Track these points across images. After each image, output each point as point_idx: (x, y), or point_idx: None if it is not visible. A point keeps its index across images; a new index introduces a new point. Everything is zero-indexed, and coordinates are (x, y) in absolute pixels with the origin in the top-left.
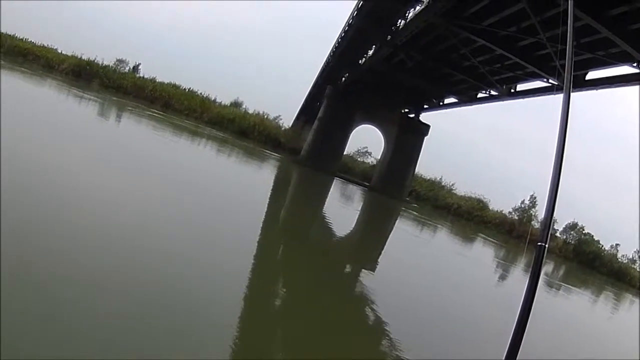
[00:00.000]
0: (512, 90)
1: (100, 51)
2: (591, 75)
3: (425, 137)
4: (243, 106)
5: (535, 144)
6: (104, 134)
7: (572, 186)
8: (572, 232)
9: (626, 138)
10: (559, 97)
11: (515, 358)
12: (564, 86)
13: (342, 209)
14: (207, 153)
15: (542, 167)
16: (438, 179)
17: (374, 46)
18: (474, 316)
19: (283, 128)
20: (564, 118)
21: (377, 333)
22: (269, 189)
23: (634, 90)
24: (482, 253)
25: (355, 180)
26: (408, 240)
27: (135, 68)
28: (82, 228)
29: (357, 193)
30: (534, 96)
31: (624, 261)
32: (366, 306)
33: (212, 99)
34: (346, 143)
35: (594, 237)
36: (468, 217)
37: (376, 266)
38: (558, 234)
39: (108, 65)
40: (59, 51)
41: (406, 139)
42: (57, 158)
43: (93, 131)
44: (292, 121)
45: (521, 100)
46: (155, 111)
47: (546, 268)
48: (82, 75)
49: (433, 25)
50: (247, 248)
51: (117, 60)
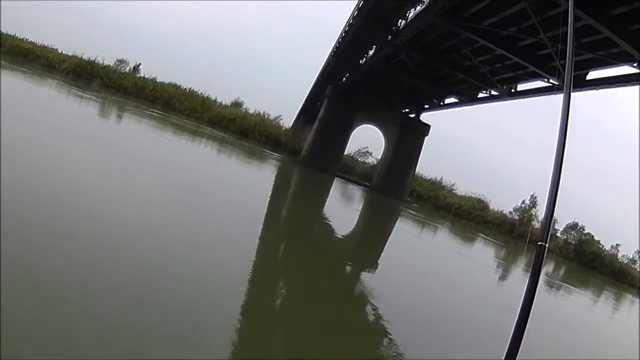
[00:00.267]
0: (513, 90)
1: (100, 51)
2: (592, 75)
3: (425, 137)
4: (244, 106)
5: (535, 144)
6: (104, 134)
7: (573, 186)
8: (573, 232)
9: (627, 138)
10: (560, 97)
11: (515, 357)
12: (564, 85)
13: (343, 209)
14: (208, 153)
15: (543, 167)
16: (438, 179)
17: (375, 46)
18: (474, 316)
19: (283, 128)
20: (565, 117)
21: (377, 333)
22: (270, 189)
23: (635, 90)
24: (483, 253)
25: (355, 180)
26: (409, 240)
27: (135, 68)
28: (82, 228)
29: (358, 193)
30: (535, 96)
31: (625, 261)
32: (366, 306)
33: (213, 99)
34: (347, 143)
35: (595, 237)
36: (468, 217)
37: (377, 266)
38: (559, 234)
39: (109, 65)
40: (60, 51)
41: (407, 139)
42: (57, 158)
43: (93, 131)
44: (293, 121)
45: (522, 100)
46: (155, 111)
47: (547, 268)
48: (83, 75)
49: (434, 25)
50: (248, 248)
51: (118, 60)
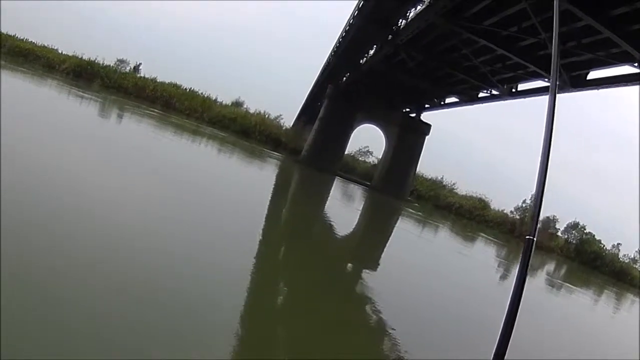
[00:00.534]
0: (513, 90)
1: (100, 51)
2: (592, 75)
3: (426, 137)
4: (244, 106)
5: (536, 144)
6: (104, 133)
7: (574, 186)
8: (574, 232)
9: (627, 137)
10: (561, 97)
11: (505, 350)
12: (551, 76)
13: (344, 209)
14: (208, 152)
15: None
16: (439, 179)
17: (375, 46)
18: (474, 315)
19: (284, 128)
20: (551, 107)
21: (378, 332)
22: (270, 189)
23: (635, 90)
24: (484, 252)
25: (356, 179)
26: (410, 239)
27: (136, 68)
28: (81, 227)
29: (359, 192)
30: (535, 96)
31: (626, 261)
32: (367, 305)
33: (213, 99)
34: (347, 142)
35: (596, 237)
36: (469, 217)
37: (378, 265)
38: (560, 234)
39: (109, 65)
40: (60, 51)
41: (407, 139)
42: (57, 158)
43: (93, 130)
44: (293, 121)
45: (522, 99)
46: (156, 111)
47: (548, 267)
48: (83, 75)
49: (434, 25)
50: (248, 247)
51: (118, 60)
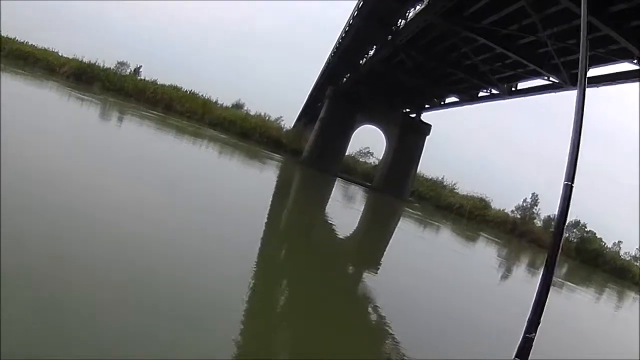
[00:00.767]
0: (513, 88)
1: (101, 54)
2: (592, 72)
3: (426, 137)
4: (244, 108)
5: (536, 143)
6: (105, 137)
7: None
8: (575, 230)
9: (628, 136)
10: (560, 95)
11: (530, 347)
12: (579, 81)
13: (345, 209)
14: (209, 154)
15: (544, 166)
16: (440, 179)
17: (375, 46)
18: (475, 315)
19: (284, 129)
20: (579, 112)
21: (378, 332)
22: (271, 190)
23: (634, 88)
24: (485, 252)
25: (357, 180)
26: (411, 240)
27: (136, 70)
28: (82, 232)
29: (359, 193)
30: (535, 94)
31: (627, 259)
32: (368, 306)
33: (214, 101)
34: (348, 143)
35: (597, 235)
36: (470, 217)
37: (379, 266)
38: None
39: (109, 67)
40: (60, 54)
41: (408, 139)
42: (57, 160)
43: (94, 133)
44: (294, 122)
45: (522, 98)
46: (156, 113)
47: None
48: (83, 78)
49: (433, 24)
50: (249, 248)
51: (118, 62)
